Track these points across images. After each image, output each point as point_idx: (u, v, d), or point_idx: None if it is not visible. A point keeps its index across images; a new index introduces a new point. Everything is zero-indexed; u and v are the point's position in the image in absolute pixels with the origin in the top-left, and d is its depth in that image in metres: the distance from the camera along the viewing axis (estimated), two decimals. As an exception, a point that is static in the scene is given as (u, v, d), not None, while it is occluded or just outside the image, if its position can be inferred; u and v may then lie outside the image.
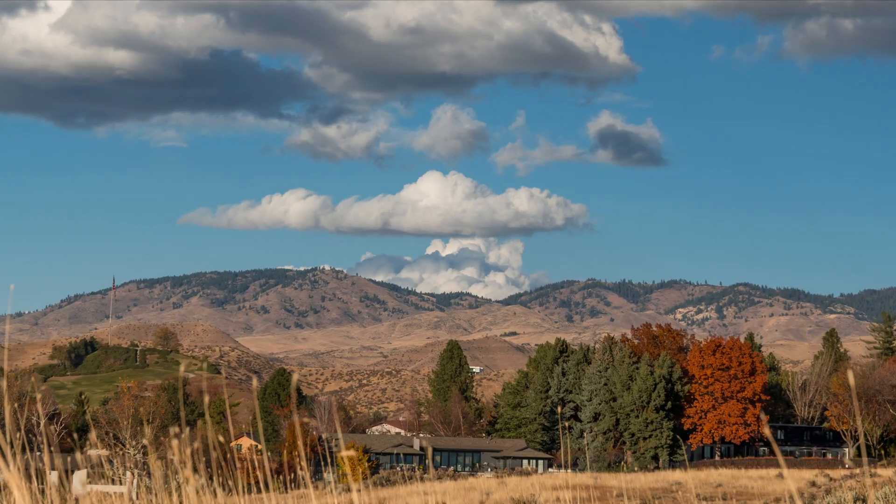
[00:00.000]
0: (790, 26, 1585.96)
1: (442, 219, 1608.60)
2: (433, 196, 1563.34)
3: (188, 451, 15.41)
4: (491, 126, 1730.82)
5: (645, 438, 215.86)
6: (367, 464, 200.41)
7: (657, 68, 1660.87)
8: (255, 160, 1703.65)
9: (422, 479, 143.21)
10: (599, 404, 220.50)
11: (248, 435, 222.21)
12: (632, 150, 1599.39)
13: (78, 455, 28.70)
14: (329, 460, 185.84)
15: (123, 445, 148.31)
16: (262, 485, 19.59)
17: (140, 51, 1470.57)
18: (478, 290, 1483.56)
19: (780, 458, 14.02)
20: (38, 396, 24.93)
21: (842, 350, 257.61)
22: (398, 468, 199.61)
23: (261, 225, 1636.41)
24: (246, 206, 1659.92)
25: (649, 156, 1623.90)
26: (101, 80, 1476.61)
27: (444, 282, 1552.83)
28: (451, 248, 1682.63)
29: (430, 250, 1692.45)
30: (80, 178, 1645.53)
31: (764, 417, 25.84)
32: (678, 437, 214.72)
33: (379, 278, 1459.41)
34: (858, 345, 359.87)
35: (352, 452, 17.03)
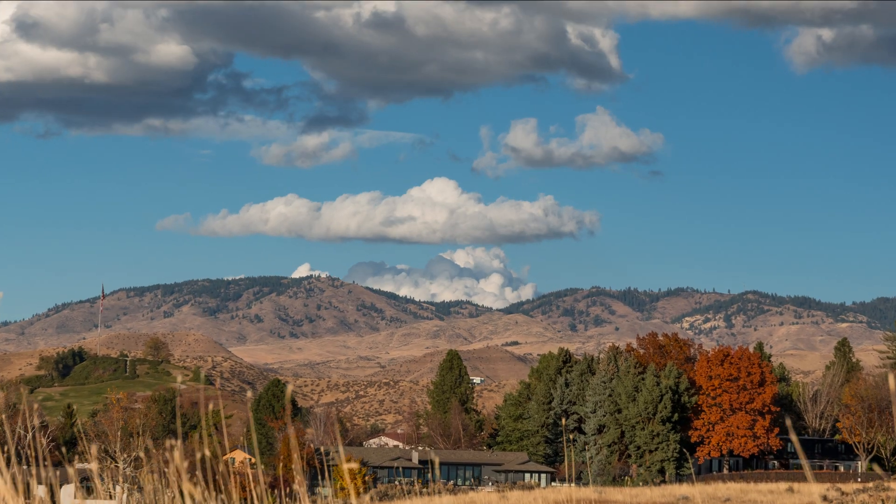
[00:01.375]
0: (793, 31, 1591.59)
1: (441, 226, 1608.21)
2: (433, 203, 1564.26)
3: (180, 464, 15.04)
4: (490, 131, 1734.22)
5: (651, 451, 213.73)
6: (364, 477, 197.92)
7: (659, 72, 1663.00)
8: (247, 165, 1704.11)
9: (420, 493, 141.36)
10: (604, 416, 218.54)
11: (242, 448, 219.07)
12: (636, 155, 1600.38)
13: (68, 469, 25.75)
14: (327, 473, 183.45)
15: (113, 459, 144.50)
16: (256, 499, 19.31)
17: (121, 56, 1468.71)
18: (479, 299, 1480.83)
19: (807, 470, 10.80)
20: (24, 406, 21.19)
21: (854, 360, 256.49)
22: (396, 482, 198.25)
23: (253, 231, 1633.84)
24: (225, 213, 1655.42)
25: (655, 162, 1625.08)
26: (77, 87, 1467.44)
27: (443, 290, 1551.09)
28: (451, 255, 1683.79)
29: (429, 257, 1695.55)
30: (67, 185, 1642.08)
31: (787, 424, 21.68)
32: (685, 449, 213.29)
33: (376, 286, 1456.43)
34: (871, 354, 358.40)
35: (353, 465, 16.25)
